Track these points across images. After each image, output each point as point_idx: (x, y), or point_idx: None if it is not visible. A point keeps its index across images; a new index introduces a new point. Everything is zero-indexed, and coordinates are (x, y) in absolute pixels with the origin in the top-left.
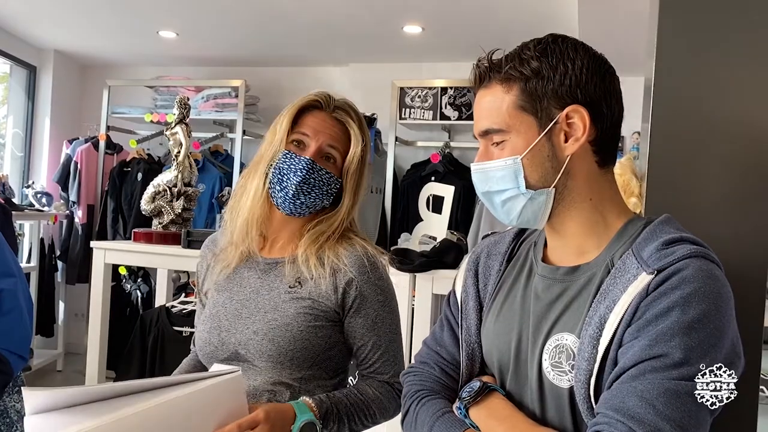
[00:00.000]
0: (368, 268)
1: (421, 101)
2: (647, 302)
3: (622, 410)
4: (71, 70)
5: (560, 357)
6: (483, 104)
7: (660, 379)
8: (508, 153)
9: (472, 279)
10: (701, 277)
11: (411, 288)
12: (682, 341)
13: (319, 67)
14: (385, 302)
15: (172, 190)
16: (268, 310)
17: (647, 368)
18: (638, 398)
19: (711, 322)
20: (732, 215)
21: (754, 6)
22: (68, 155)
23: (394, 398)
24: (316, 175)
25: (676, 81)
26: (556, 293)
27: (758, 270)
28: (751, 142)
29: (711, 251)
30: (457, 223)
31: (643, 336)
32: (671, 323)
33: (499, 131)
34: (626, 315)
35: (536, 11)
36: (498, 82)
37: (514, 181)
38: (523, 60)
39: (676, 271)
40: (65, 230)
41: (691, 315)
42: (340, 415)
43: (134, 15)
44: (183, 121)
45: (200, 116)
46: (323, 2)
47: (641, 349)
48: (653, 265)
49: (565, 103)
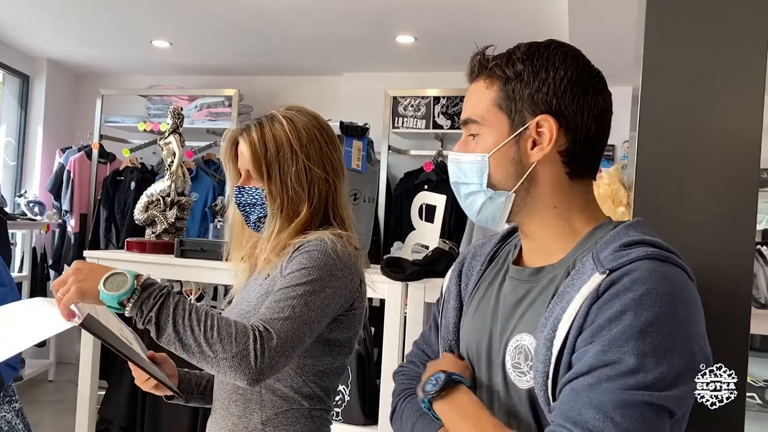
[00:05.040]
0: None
1: (414, 110)
2: (599, 305)
3: (580, 423)
4: (64, 79)
5: (519, 358)
6: (469, 95)
7: (616, 389)
8: (480, 148)
9: (456, 279)
10: (654, 279)
11: (403, 296)
12: (635, 346)
13: (312, 77)
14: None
15: (165, 199)
16: (240, 301)
17: (602, 376)
18: (595, 410)
19: (665, 324)
20: (718, 223)
21: (739, 18)
22: (61, 164)
23: (248, 332)
24: (242, 199)
25: (663, 91)
26: (520, 294)
27: (744, 277)
28: (738, 151)
29: (674, 254)
30: (449, 231)
31: (596, 341)
32: (624, 328)
33: (475, 123)
34: (578, 317)
35: (528, 22)
36: (484, 77)
37: (479, 177)
38: (510, 60)
39: (628, 273)
40: (58, 239)
41: (644, 318)
42: (169, 298)
43: (128, 24)
44: (176, 130)
45: (193, 125)
46: (317, 12)
47: (595, 355)
48: (606, 266)
49: (539, 110)
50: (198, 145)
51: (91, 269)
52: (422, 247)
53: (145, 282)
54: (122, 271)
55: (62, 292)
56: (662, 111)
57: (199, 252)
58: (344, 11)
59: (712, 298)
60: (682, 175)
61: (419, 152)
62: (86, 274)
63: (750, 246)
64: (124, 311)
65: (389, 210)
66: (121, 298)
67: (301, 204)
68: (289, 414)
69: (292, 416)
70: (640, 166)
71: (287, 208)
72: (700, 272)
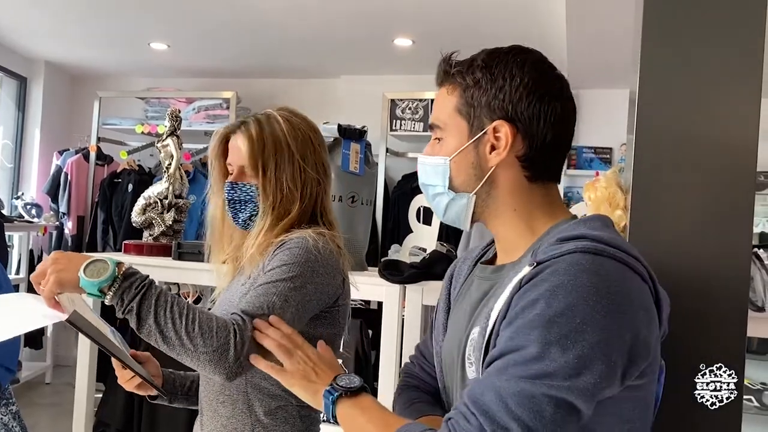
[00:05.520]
0: (288, 240)
1: (411, 113)
2: (520, 294)
3: (478, 403)
4: (62, 81)
5: (470, 350)
6: (435, 101)
7: (518, 376)
8: (443, 152)
9: (447, 282)
10: (573, 271)
11: (401, 299)
12: (540, 334)
13: (310, 79)
14: (286, 263)
15: (162, 201)
16: (223, 301)
17: (509, 362)
18: (495, 394)
19: (576, 315)
20: (715, 226)
21: (736, 22)
22: (58, 166)
23: (228, 326)
24: (234, 195)
25: (660, 94)
26: (483, 291)
27: (741, 280)
28: (735, 154)
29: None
30: (447, 234)
31: (509, 328)
32: (533, 316)
33: (438, 128)
34: (503, 306)
35: (525, 26)
36: (447, 83)
37: (441, 180)
38: (470, 68)
39: (551, 264)
40: (55, 241)
41: (554, 308)
42: (151, 289)
43: (125, 26)
44: (174, 133)
45: (191, 127)
46: (315, 15)
47: (504, 341)
48: (536, 258)
49: (496, 116)
50: (196, 147)
51: (69, 258)
52: (420, 249)
53: (126, 271)
54: (103, 258)
55: (43, 283)
56: (660, 114)
57: (196, 254)
58: (342, 14)
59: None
60: (679, 178)
61: (417, 155)
62: (65, 263)
63: (747, 249)
64: (104, 299)
65: (387, 213)
66: (102, 285)
67: (293, 203)
68: (278, 414)
69: (281, 416)
70: (638, 169)
71: (279, 207)
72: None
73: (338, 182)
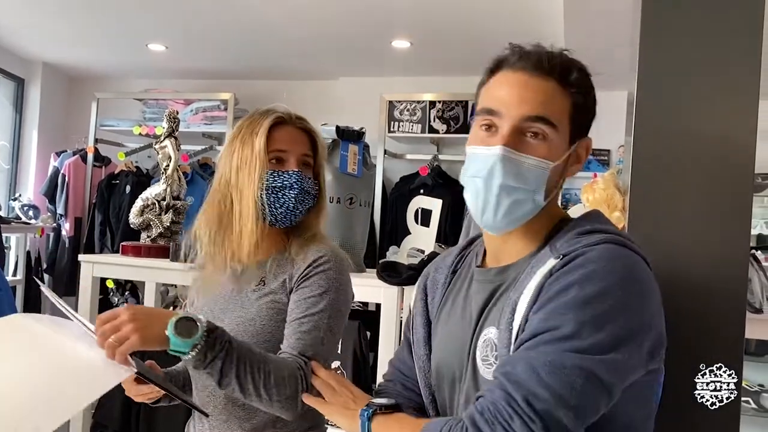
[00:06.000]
0: (323, 260)
1: (409, 115)
2: (550, 281)
3: (509, 375)
4: (59, 82)
5: (487, 351)
6: (538, 89)
7: (550, 350)
8: (543, 153)
9: (421, 294)
10: (606, 259)
11: (399, 301)
12: (575, 315)
13: (308, 81)
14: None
15: (160, 203)
16: (234, 308)
17: (541, 341)
18: (526, 365)
19: (610, 298)
20: (713, 228)
21: (734, 23)
22: (56, 168)
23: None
24: (306, 185)
25: (658, 95)
26: (488, 292)
27: (739, 282)
28: (732, 156)
29: (630, 241)
30: (445, 236)
31: (542, 311)
32: (568, 299)
33: (551, 125)
34: (532, 296)
35: (524, 27)
36: (558, 81)
37: (535, 185)
38: (586, 78)
39: (581, 254)
40: (52, 243)
41: (587, 291)
42: (232, 345)
43: (123, 28)
44: (172, 134)
45: (189, 129)
46: (313, 16)
47: (537, 322)
48: (561, 251)
49: (585, 131)
50: (194, 148)
51: (148, 314)
52: (418, 251)
53: (208, 326)
54: (187, 315)
55: (118, 338)
56: (657, 116)
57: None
58: (340, 15)
59: (707, 302)
60: (677, 180)
61: (415, 156)
62: (145, 320)
63: (745, 250)
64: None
65: (385, 214)
66: (194, 344)
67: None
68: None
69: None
70: (636, 171)
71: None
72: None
73: (336, 184)
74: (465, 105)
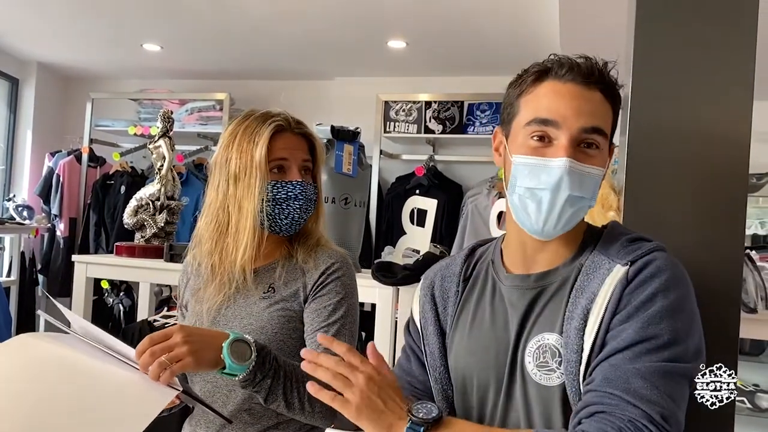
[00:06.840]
0: (335, 267)
1: (405, 115)
2: (630, 290)
3: (630, 391)
4: (54, 82)
5: (545, 356)
6: (591, 100)
7: (656, 361)
8: (599, 162)
9: (430, 304)
10: (671, 266)
11: (394, 301)
12: (669, 324)
13: (304, 81)
14: (344, 297)
15: (155, 203)
16: (243, 316)
17: (642, 350)
18: (642, 379)
19: (688, 304)
20: (708, 228)
21: (728, 21)
22: (50, 168)
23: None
24: (309, 193)
25: (653, 95)
26: (530, 298)
27: (733, 282)
28: (727, 156)
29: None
30: (440, 236)
31: (634, 320)
32: (658, 308)
33: (604, 135)
34: (610, 303)
35: (519, 27)
36: (602, 92)
37: (592, 191)
38: (617, 88)
39: (650, 261)
40: (47, 244)
41: (671, 300)
42: (278, 363)
43: (118, 28)
44: (166, 134)
45: (184, 129)
46: (308, 17)
47: (635, 332)
48: (625, 258)
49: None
50: (188, 149)
51: (200, 336)
52: (413, 251)
53: (257, 345)
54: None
55: (171, 358)
56: (652, 115)
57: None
58: (336, 16)
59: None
60: (672, 180)
61: (411, 157)
62: (199, 342)
63: (739, 250)
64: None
65: (380, 214)
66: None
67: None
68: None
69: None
70: (630, 171)
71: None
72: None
73: (331, 184)
74: (461, 105)
